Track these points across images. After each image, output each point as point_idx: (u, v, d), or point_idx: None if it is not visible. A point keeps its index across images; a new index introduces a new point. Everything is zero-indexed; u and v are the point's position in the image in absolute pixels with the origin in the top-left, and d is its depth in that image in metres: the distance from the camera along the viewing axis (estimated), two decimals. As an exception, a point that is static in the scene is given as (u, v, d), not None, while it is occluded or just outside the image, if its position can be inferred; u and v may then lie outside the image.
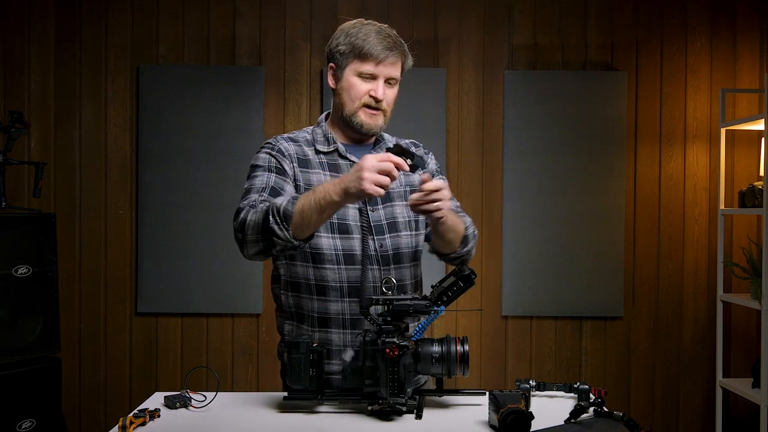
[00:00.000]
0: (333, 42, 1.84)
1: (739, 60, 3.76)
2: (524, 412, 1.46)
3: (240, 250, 1.73)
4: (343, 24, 1.87)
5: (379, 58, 1.77)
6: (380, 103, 1.80)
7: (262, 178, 1.80)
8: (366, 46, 1.77)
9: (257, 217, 1.65)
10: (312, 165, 1.84)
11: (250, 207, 1.71)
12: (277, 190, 1.77)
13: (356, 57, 1.78)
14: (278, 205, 1.62)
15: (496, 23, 3.71)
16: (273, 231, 1.61)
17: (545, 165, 3.68)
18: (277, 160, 1.82)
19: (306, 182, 1.81)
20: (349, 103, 1.81)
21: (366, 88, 1.79)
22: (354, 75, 1.79)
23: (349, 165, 1.84)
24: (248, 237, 1.67)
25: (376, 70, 1.78)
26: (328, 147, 1.86)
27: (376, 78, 1.79)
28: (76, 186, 3.69)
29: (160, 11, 3.69)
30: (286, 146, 1.85)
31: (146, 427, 1.55)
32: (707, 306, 3.75)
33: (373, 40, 1.77)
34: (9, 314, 2.98)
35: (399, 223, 1.85)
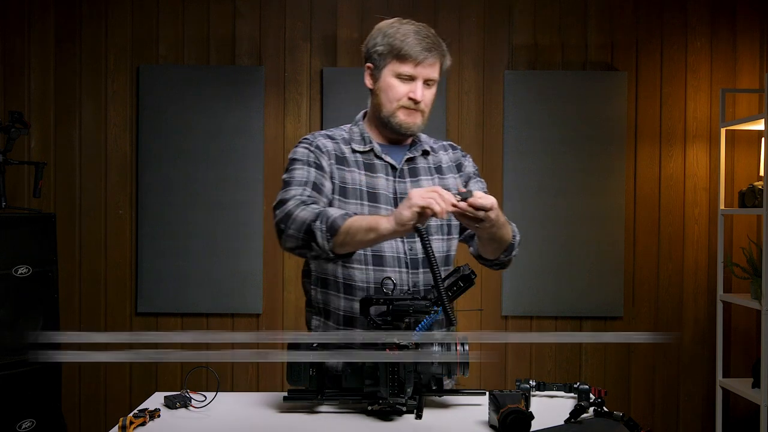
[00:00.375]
0: (370, 42, 1.82)
1: (739, 60, 3.76)
2: (524, 412, 1.46)
3: (278, 240, 1.75)
4: (380, 23, 1.84)
5: (418, 60, 1.76)
6: (419, 104, 1.79)
7: (302, 171, 1.79)
8: (404, 47, 1.75)
9: (305, 216, 1.66)
10: (348, 163, 1.83)
11: (301, 202, 1.71)
12: (318, 186, 1.77)
13: (395, 58, 1.77)
14: (329, 215, 1.62)
15: (496, 23, 3.71)
16: (315, 236, 1.63)
17: (545, 165, 3.68)
18: (315, 155, 1.81)
19: (341, 180, 1.81)
20: (387, 104, 1.80)
21: (405, 89, 1.78)
22: (392, 76, 1.78)
23: (384, 165, 1.84)
24: (290, 231, 1.69)
25: (414, 72, 1.77)
26: (364, 146, 1.85)
27: (414, 79, 1.77)
28: (76, 186, 3.69)
29: (160, 11, 3.69)
30: (323, 142, 1.84)
31: (146, 427, 1.55)
32: (707, 306, 3.75)
33: (411, 40, 1.76)
34: (9, 314, 2.98)
35: (431, 227, 1.83)
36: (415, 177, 1.86)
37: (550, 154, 3.67)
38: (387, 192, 1.82)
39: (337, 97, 3.64)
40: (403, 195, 1.81)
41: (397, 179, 1.83)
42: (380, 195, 1.81)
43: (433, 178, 1.87)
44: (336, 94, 3.64)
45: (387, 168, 1.84)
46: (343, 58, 3.70)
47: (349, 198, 1.79)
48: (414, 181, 1.85)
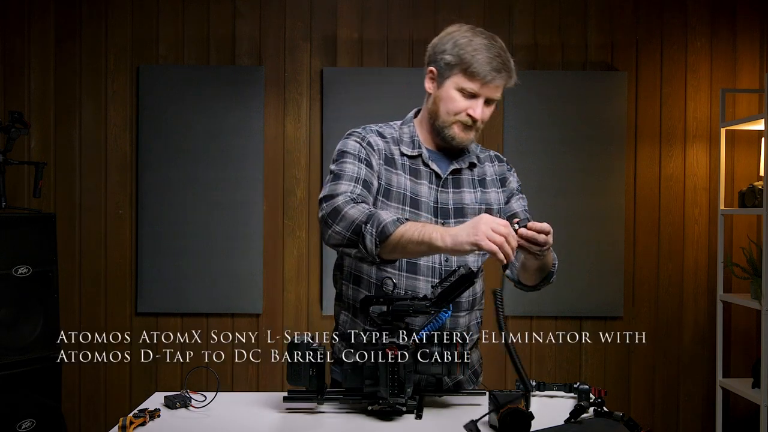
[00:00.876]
0: (438, 46, 1.78)
1: (739, 60, 3.76)
2: (524, 412, 1.46)
3: (321, 234, 1.71)
4: (451, 28, 1.79)
5: (486, 80, 1.72)
6: (476, 122, 1.77)
7: (353, 166, 1.75)
8: (474, 63, 1.71)
9: (355, 215, 1.62)
10: (396, 165, 1.81)
11: (351, 200, 1.67)
12: (368, 184, 1.74)
13: (462, 72, 1.73)
14: (381, 220, 1.59)
15: (496, 23, 3.71)
16: (364, 239, 1.60)
17: (545, 165, 3.68)
18: (366, 152, 1.79)
19: (387, 181, 1.79)
20: (444, 115, 1.78)
21: (465, 105, 1.75)
22: (455, 89, 1.75)
23: (429, 173, 1.81)
24: (337, 228, 1.64)
25: (479, 90, 1.74)
26: (413, 150, 1.83)
27: (477, 97, 1.75)
28: (76, 186, 3.69)
29: (160, 11, 3.69)
30: (375, 140, 1.81)
31: (146, 427, 1.55)
32: (707, 306, 3.75)
33: (482, 58, 1.71)
34: (9, 314, 2.98)
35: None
36: (458, 188, 1.84)
37: (550, 154, 3.67)
38: (429, 200, 1.80)
39: (337, 97, 3.64)
40: (444, 205, 1.80)
41: (440, 189, 1.82)
42: (422, 202, 1.80)
43: (475, 191, 1.86)
44: (336, 94, 3.64)
45: (432, 176, 1.82)
46: (343, 58, 3.70)
47: (391, 201, 1.78)
48: (456, 192, 1.83)
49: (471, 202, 1.84)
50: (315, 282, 3.70)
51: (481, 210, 1.84)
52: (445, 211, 1.81)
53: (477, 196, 1.85)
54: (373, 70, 3.67)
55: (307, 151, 3.70)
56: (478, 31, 1.77)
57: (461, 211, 1.82)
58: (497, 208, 1.88)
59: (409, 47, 3.70)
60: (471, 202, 1.84)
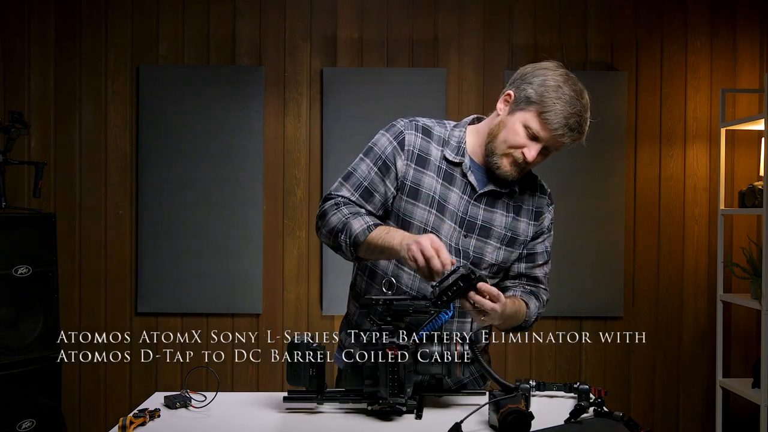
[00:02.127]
0: (527, 77, 1.73)
1: (739, 60, 3.76)
2: (524, 412, 1.46)
3: (316, 232, 1.85)
4: (546, 63, 1.76)
5: (556, 132, 1.69)
6: (527, 164, 1.75)
7: (365, 169, 1.80)
8: (552, 111, 1.67)
9: (336, 223, 1.74)
10: (429, 166, 1.79)
11: (336, 205, 1.77)
12: (370, 192, 1.79)
13: (536, 113, 1.69)
14: (352, 231, 1.71)
15: (496, 23, 3.71)
16: (340, 247, 1.74)
17: (545, 165, 3.64)
18: (393, 152, 1.79)
19: (415, 182, 1.78)
20: (500, 143, 1.74)
21: (524, 142, 1.71)
22: (522, 124, 1.71)
23: (464, 183, 1.79)
24: (323, 231, 1.78)
25: (543, 136, 1.70)
26: (455, 157, 1.79)
27: (538, 141, 1.71)
28: (76, 186, 3.69)
29: (160, 11, 3.69)
30: (411, 139, 1.79)
31: (146, 427, 1.55)
32: (707, 306, 3.75)
33: (561, 109, 1.67)
34: (9, 314, 2.98)
35: (483, 261, 1.81)
36: (491, 207, 1.81)
37: (550, 154, 3.66)
38: (456, 209, 1.78)
39: (337, 97, 3.64)
40: (472, 219, 1.79)
41: (473, 202, 1.79)
42: (448, 209, 1.78)
43: (508, 215, 1.83)
44: (336, 94, 3.64)
45: (466, 186, 1.79)
46: (343, 58, 3.70)
47: (419, 201, 1.77)
48: (489, 210, 1.80)
49: (500, 226, 1.81)
50: (315, 282, 3.70)
51: (507, 236, 1.82)
52: (471, 226, 1.79)
53: (508, 221, 1.82)
54: (373, 70, 3.67)
55: (307, 151, 3.70)
56: (571, 78, 1.73)
57: (487, 231, 1.80)
58: (523, 239, 1.86)
59: (409, 47, 3.70)
60: (500, 226, 1.81)
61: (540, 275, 1.93)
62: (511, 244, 1.84)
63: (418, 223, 1.77)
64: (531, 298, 1.89)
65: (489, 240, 1.80)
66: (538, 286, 1.92)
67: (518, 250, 1.86)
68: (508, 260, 1.86)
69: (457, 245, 1.78)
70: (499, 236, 1.81)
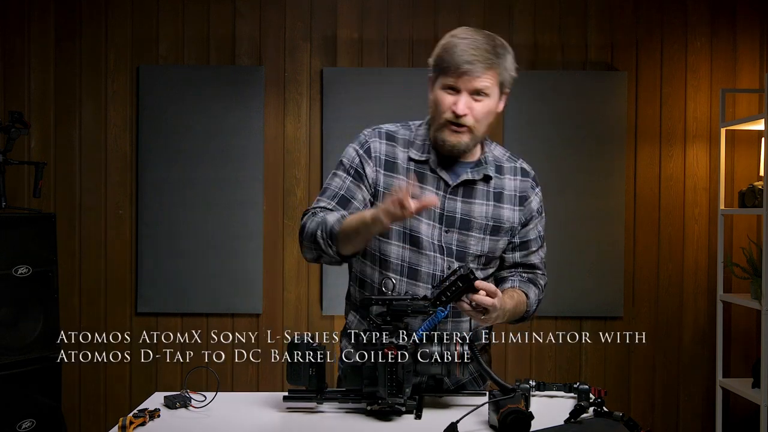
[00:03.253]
0: (433, 54, 1.76)
1: (739, 60, 3.76)
2: (524, 412, 1.46)
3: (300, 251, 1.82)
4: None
5: (461, 69, 1.67)
6: (462, 119, 1.70)
7: (338, 181, 1.81)
8: (447, 57, 1.68)
9: (312, 228, 1.73)
10: (398, 170, 1.79)
11: (312, 214, 1.77)
12: (347, 199, 1.78)
13: (441, 70, 1.70)
14: (327, 223, 1.69)
15: (496, 23, 3.71)
16: (320, 245, 1.71)
17: (545, 165, 3.67)
18: (360, 161, 1.80)
19: (386, 187, 1.77)
20: (436, 119, 1.74)
21: (449, 101, 1.70)
22: (440, 88, 1.72)
23: (436, 179, 1.78)
24: (305, 243, 1.76)
25: (457, 83, 1.68)
26: (421, 156, 1.79)
27: (459, 92, 1.69)
28: (76, 186, 3.69)
29: (160, 11, 3.69)
30: (377, 146, 1.80)
31: (146, 427, 1.55)
32: (707, 306, 3.75)
33: (457, 50, 1.67)
34: (9, 314, 2.98)
35: (468, 254, 1.79)
36: (469, 198, 1.79)
37: (550, 154, 3.67)
38: (432, 206, 1.74)
39: (337, 97, 3.64)
40: (450, 213, 1.77)
41: (449, 196, 1.78)
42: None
43: (488, 204, 1.81)
44: (336, 94, 3.64)
45: (439, 182, 1.78)
46: (343, 58, 3.70)
47: None
48: (466, 202, 1.79)
49: (480, 216, 1.79)
50: (315, 282, 3.70)
51: (489, 226, 1.81)
52: (450, 220, 1.78)
53: (489, 210, 1.80)
54: (373, 70, 3.67)
55: (307, 151, 3.70)
56: (464, 28, 1.74)
57: (468, 223, 1.78)
58: (508, 226, 1.83)
59: (409, 47, 3.70)
60: (480, 216, 1.79)
61: (536, 261, 1.91)
62: (496, 233, 1.82)
63: (396, 228, 1.76)
64: (529, 286, 1.88)
65: (471, 232, 1.78)
66: (535, 273, 1.91)
67: (505, 237, 1.84)
68: (495, 249, 1.83)
69: (440, 242, 1.77)
70: (480, 227, 1.79)
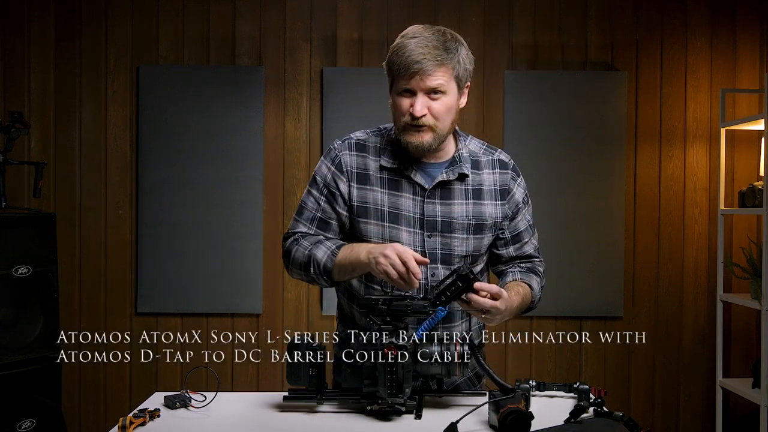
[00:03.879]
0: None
1: (739, 60, 3.76)
2: (524, 412, 1.46)
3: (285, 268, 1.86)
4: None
5: (411, 70, 1.65)
6: (421, 119, 1.67)
7: (313, 202, 1.82)
8: (396, 60, 1.67)
9: (302, 260, 1.76)
10: (371, 181, 1.77)
11: (295, 241, 1.80)
12: (325, 222, 1.81)
13: (395, 75, 1.70)
14: (319, 261, 1.73)
15: (496, 23, 3.71)
16: (316, 281, 1.77)
17: (545, 165, 3.68)
18: (333, 178, 1.79)
19: (362, 199, 1.77)
20: (396, 124, 1.73)
21: (407, 105, 1.69)
22: (396, 93, 1.71)
23: (410, 185, 1.75)
24: (292, 269, 1.81)
25: (410, 85, 1.67)
26: (392, 163, 1.76)
27: (414, 93, 1.68)
28: (76, 186, 3.69)
29: (160, 11, 3.69)
30: (347, 160, 1.79)
31: (146, 427, 1.55)
32: (707, 306, 3.75)
33: (405, 52, 1.65)
34: (9, 314, 2.98)
35: (453, 256, 1.78)
36: (447, 200, 1.77)
37: (550, 154, 3.67)
38: (411, 213, 1.75)
39: (337, 97, 3.64)
40: (430, 217, 1.75)
41: (427, 200, 1.75)
42: (402, 216, 1.75)
43: (467, 203, 1.78)
44: (336, 94, 3.64)
45: (414, 187, 1.76)
46: (343, 58, 3.70)
47: (370, 218, 1.76)
48: (445, 204, 1.76)
49: (460, 216, 1.77)
50: (315, 282, 3.69)
51: (471, 225, 1.78)
52: (431, 224, 1.76)
53: (468, 208, 1.78)
54: (373, 70, 3.67)
55: (307, 151, 3.70)
56: (416, 28, 1.70)
57: (449, 225, 1.76)
58: (492, 222, 1.81)
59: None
60: (460, 216, 1.77)
61: (530, 251, 1.91)
62: (479, 231, 1.80)
63: (375, 240, 1.76)
64: (531, 277, 1.87)
65: (453, 233, 1.77)
66: (532, 260, 1.91)
67: (489, 234, 1.82)
68: (480, 247, 1.81)
69: (422, 248, 1.76)
70: (462, 227, 1.77)
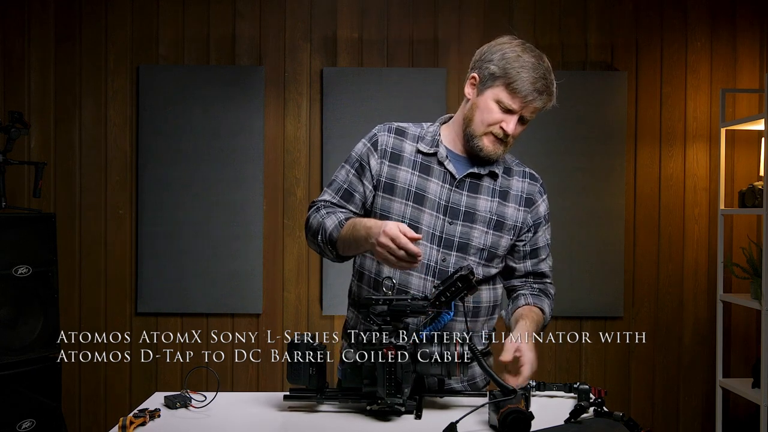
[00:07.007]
0: (486, 55, 1.77)
1: (739, 60, 3.76)
2: (524, 412, 1.46)
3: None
4: (502, 39, 1.80)
5: (526, 99, 1.74)
6: (508, 137, 1.79)
7: (344, 175, 1.87)
8: (518, 80, 1.72)
9: (315, 227, 1.82)
10: (403, 161, 1.83)
11: (316, 209, 1.85)
12: (349, 193, 1.85)
13: (504, 86, 1.74)
14: (326, 229, 1.78)
15: (496, 23, 3.71)
16: (322, 249, 1.81)
17: (545, 165, 3.67)
18: (366, 153, 1.85)
19: (391, 177, 1.82)
20: (478, 124, 1.78)
21: (500, 117, 1.76)
22: (494, 100, 1.76)
23: (442, 172, 1.81)
24: (309, 236, 1.86)
25: (517, 108, 1.75)
26: (429, 148, 1.83)
27: (513, 113, 1.76)
28: (76, 186, 3.69)
29: (160, 11, 3.69)
30: (384, 139, 1.85)
31: (146, 427, 1.55)
32: (707, 306, 3.75)
33: (527, 76, 1.72)
34: (9, 314, 2.98)
35: (471, 247, 1.81)
36: (474, 193, 1.82)
37: (550, 154, 3.67)
38: (438, 198, 1.80)
39: (337, 97, 3.64)
40: (455, 205, 1.80)
41: (455, 189, 1.81)
42: (428, 199, 1.80)
43: (493, 200, 1.84)
44: (336, 94, 3.64)
45: (445, 175, 1.81)
46: (343, 58, 3.70)
47: (395, 196, 1.81)
48: (472, 196, 1.82)
49: (484, 210, 1.82)
50: (315, 282, 3.70)
51: (493, 220, 1.83)
52: (454, 212, 1.80)
53: (493, 206, 1.83)
54: (373, 70, 3.67)
55: (307, 151, 3.70)
56: (528, 47, 1.77)
57: (471, 216, 1.81)
58: (512, 224, 1.86)
59: (409, 47, 3.70)
60: (484, 210, 1.82)
61: (545, 270, 1.97)
62: (499, 229, 1.84)
63: (396, 217, 1.80)
64: (543, 299, 1.93)
65: (475, 225, 1.81)
66: (545, 282, 1.97)
67: (508, 236, 1.86)
68: (498, 245, 1.84)
69: (442, 233, 1.80)
70: (484, 220, 1.82)
